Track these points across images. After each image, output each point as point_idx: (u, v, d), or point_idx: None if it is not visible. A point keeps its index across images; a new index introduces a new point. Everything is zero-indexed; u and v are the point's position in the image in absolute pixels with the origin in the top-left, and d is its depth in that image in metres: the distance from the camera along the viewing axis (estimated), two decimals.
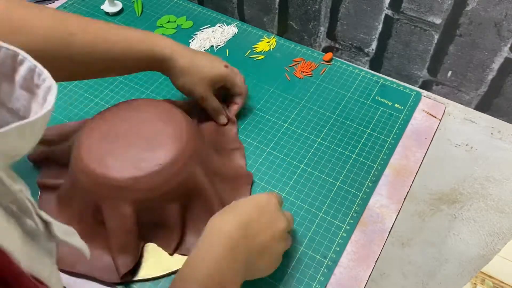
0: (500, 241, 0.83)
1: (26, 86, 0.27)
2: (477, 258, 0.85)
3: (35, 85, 0.27)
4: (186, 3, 0.93)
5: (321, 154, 0.68)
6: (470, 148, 0.80)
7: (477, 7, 0.66)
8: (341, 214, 0.62)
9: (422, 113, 0.74)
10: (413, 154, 0.69)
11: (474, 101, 0.77)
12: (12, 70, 0.27)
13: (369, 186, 0.65)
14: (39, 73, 0.27)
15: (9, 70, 0.27)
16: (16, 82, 0.27)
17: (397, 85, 0.78)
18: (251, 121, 0.72)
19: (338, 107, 0.75)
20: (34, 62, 0.27)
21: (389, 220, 0.62)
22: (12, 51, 0.27)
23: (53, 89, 0.26)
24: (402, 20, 0.74)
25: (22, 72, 0.27)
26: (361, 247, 0.59)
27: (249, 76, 0.79)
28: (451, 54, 0.73)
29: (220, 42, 0.85)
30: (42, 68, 0.26)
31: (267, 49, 0.84)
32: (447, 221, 0.86)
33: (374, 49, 0.81)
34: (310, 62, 0.81)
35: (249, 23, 0.91)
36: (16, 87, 0.27)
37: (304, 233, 0.60)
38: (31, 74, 0.27)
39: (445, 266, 0.94)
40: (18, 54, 0.27)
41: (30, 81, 0.27)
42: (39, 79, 0.27)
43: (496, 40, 0.68)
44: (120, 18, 0.90)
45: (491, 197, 0.81)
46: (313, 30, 0.86)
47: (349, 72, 0.80)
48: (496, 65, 0.71)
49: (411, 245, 0.89)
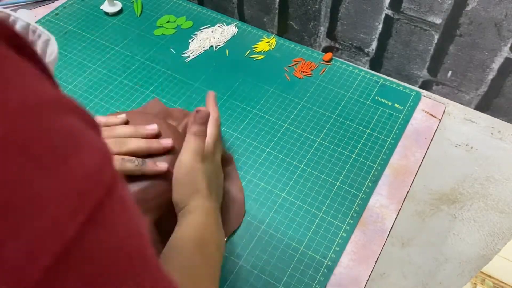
0: (500, 241, 0.83)
1: None
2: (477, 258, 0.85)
3: (31, 42, 0.27)
4: (186, 3, 0.93)
5: (321, 154, 0.68)
6: (470, 148, 0.80)
7: (477, 7, 0.66)
8: (341, 214, 0.62)
9: (422, 113, 0.74)
10: (413, 154, 0.69)
11: (474, 101, 0.77)
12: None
13: (369, 186, 0.65)
14: (33, 30, 0.27)
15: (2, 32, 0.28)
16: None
17: (397, 85, 0.78)
18: (251, 121, 0.72)
19: (338, 107, 0.75)
20: (26, 20, 0.27)
21: (389, 220, 0.62)
22: (3, 14, 0.27)
23: (52, 40, 0.26)
24: (402, 20, 0.74)
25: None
26: (361, 247, 0.59)
27: (249, 76, 0.79)
28: (451, 54, 0.73)
29: (219, 42, 0.85)
30: (35, 24, 0.27)
31: (267, 49, 0.84)
32: (447, 221, 0.85)
33: (374, 49, 0.81)
34: (310, 62, 0.81)
35: (249, 23, 0.91)
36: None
37: (304, 233, 0.60)
38: (26, 32, 0.27)
39: (445, 266, 0.94)
40: (9, 15, 0.27)
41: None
42: (33, 35, 0.27)
43: (496, 40, 0.68)
44: (119, 18, 0.90)
45: (491, 197, 0.81)
46: (313, 30, 0.86)
47: (349, 72, 0.80)
48: (496, 65, 0.70)
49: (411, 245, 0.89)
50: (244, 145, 0.69)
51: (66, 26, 0.88)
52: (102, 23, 0.89)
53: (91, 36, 0.86)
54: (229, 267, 0.57)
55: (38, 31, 0.27)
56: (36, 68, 0.20)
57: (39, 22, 0.88)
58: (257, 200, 0.63)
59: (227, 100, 0.75)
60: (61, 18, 0.90)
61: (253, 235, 0.60)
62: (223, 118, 0.73)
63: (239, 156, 0.68)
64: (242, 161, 0.67)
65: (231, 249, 0.59)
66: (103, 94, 0.76)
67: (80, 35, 0.86)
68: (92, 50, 0.83)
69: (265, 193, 0.64)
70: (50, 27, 0.87)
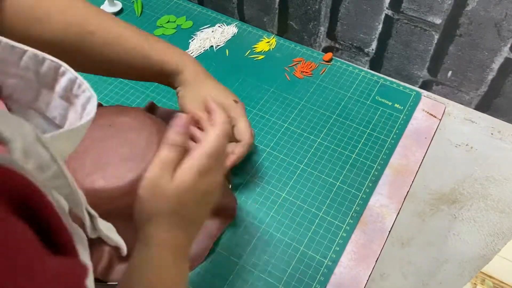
0: (500, 241, 0.83)
1: (65, 96, 0.29)
2: (477, 258, 0.85)
3: (74, 95, 0.28)
4: (186, 3, 0.93)
5: (321, 154, 0.68)
6: (470, 148, 0.80)
7: (477, 7, 0.66)
8: (341, 214, 0.62)
9: (422, 113, 0.74)
10: (413, 154, 0.69)
11: (474, 101, 0.77)
12: (53, 81, 0.29)
13: (369, 186, 0.65)
14: (80, 84, 0.28)
15: (50, 81, 0.29)
16: (56, 92, 0.29)
17: (397, 85, 0.78)
18: (251, 121, 0.72)
19: (338, 107, 0.75)
20: (75, 74, 0.28)
21: (389, 220, 0.62)
22: (55, 63, 0.28)
23: (93, 99, 0.28)
24: (402, 20, 0.74)
25: (63, 83, 0.28)
26: (361, 247, 0.59)
27: (249, 76, 0.79)
28: (451, 54, 0.73)
29: (220, 42, 0.85)
30: (82, 79, 0.28)
31: (267, 49, 0.84)
32: (447, 221, 0.85)
33: (374, 49, 0.81)
34: (310, 62, 0.81)
35: (249, 23, 0.91)
36: (55, 96, 0.29)
37: (304, 233, 0.60)
38: (71, 85, 0.28)
39: (445, 266, 0.94)
40: (60, 66, 0.28)
41: (70, 92, 0.29)
42: (78, 89, 0.28)
43: (496, 40, 0.68)
44: (120, 18, 0.89)
45: (491, 197, 0.81)
46: (313, 30, 0.86)
47: (349, 72, 0.80)
48: (496, 65, 0.71)
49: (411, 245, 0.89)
50: None
51: None
52: None
53: None
54: (229, 267, 0.57)
55: (83, 86, 0.28)
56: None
57: None
58: (257, 200, 0.63)
59: None
60: None
61: (253, 235, 0.60)
62: None
63: None
64: (242, 161, 0.67)
65: (231, 249, 0.59)
66: (102, 95, 0.76)
67: None
68: None
69: (265, 193, 0.64)
70: None
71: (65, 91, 0.29)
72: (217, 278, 0.56)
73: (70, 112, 0.29)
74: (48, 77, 0.28)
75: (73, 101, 0.29)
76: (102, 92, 0.76)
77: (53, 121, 0.29)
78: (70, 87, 0.28)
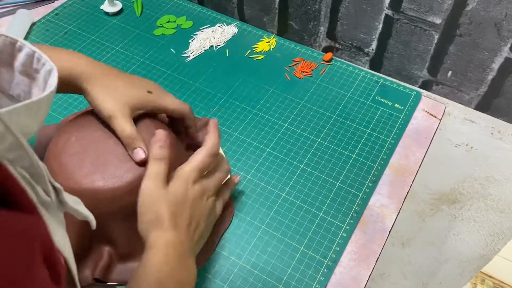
0: (500, 241, 0.83)
1: (26, 71, 0.28)
2: (477, 258, 0.85)
3: (34, 70, 0.27)
4: (186, 3, 0.93)
5: (321, 154, 0.68)
6: (470, 148, 0.80)
7: (477, 7, 0.66)
8: (341, 214, 0.62)
9: (422, 113, 0.74)
10: (413, 154, 0.69)
11: (474, 101, 0.77)
12: (11, 57, 0.28)
13: (369, 186, 0.65)
14: (38, 58, 0.27)
15: (8, 57, 0.28)
16: (15, 68, 0.28)
17: (397, 85, 0.78)
18: (251, 121, 0.72)
19: (338, 107, 0.75)
20: (32, 48, 0.27)
21: (389, 220, 0.62)
22: (10, 38, 0.27)
23: (54, 71, 0.26)
24: (402, 20, 0.74)
25: (21, 58, 0.28)
26: (361, 247, 0.59)
27: (249, 76, 0.79)
28: (451, 54, 0.73)
29: (220, 42, 0.85)
30: (41, 52, 0.27)
31: (267, 49, 0.84)
32: (447, 221, 0.85)
33: (374, 49, 0.81)
34: (310, 62, 0.81)
35: (249, 23, 0.91)
36: (15, 73, 0.28)
37: (304, 233, 0.60)
38: (30, 60, 0.27)
39: (445, 266, 0.94)
40: (16, 41, 0.27)
41: (29, 67, 0.28)
42: (38, 63, 0.27)
43: (496, 40, 0.68)
44: (119, 18, 0.90)
45: (491, 197, 0.81)
46: (313, 30, 0.86)
47: (349, 72, 0.80)
48: (496, 65, 0.71)
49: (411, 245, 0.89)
50: (244, 145, 0.69)
51: (66, 26, 0.88)
52: (102, 23, 0.89)
53: (91, 36, 0.86)
54: (229, 267, 0.57)
55: (42, 59, 0.27)
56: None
57: (39, 22, 0.88)
58: (257, 200, 0.63)
59: (227, 100, 0.75)
60: (61, 18, 0.90)
61: (253, 235, 0.60)
62: (223, 118, 0.73)
63: (239, 156, 0.68)
64: (242, 161, 0.67)
65: (231, 249, 0.59)
66: None
67: (80, 35, 0.86)
68: (92, 50, 0.83)
69: (265, 193, 0.64)
70: (50, 27, 0.87)
71: (24, 66, 0.28)
72: (217, 278, 0.56)
73: (33, 88, 0.28)
74: (5, 53, 0.28)
75: (35, 76, 0.28)
76: None
77: (18, 99, 0.29)
78: (29, 61, 0.28)
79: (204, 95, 0.76)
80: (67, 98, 0.75)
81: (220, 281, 0.56)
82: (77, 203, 0.30)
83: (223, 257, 0.58)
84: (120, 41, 0.85)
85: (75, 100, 0.75)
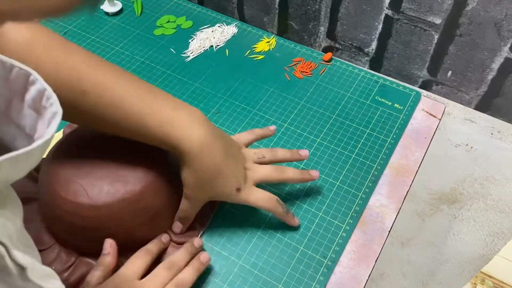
0: (500, 241, 0.82)
1: (34, 106, 0.28)
2: (477, 258, 0.85)
3: (42, 107, 0.28)
4: (186, 3, 0.93)
5: (321, 154, 0.68)
6: (470, 148, 0.80)
7: (477, 7, 0.66)
8: (341, 214, 0.62)
9: (422, 113, 0.74)
10: (412, 153, 0.69)
11: (474, 101, 0.77)
12: (23, 89, 0.28)
13: (369, 185, 0.65)
14: (48, 97, 0.27)
15: (20, 88, 0.28)
16: (26, 101, 0.28)
17: (397, 85, 0.78)
18: (251, 121, 0.72)
19: (338, 107, 0.75)
20: (44, 85, 0.27)
21: (389, 220, 0.62)
22: (24, 71, 0.27)
23: (58, 116, 0.26)
24: (402, 20, 0.74)
25: (32, 92, 0.28)
26: (361, 246, 0.59)
27: (249, 76, 0.79)
28: (451, 54, 0.73)
29: (220, 42, 0.85)
30: (51, 91, 0.27)
31: (267, 49, 0.84)
32: (447, 221, 0.85)
33: (374, 49, 0.81)
34: (310, 62, 0.81)
35: (249, 23, 0.91)
36: (25, 105, 0.28)
37: (304, 233, 0.60)
38: (40, 96, 0.27)
39: (445, 266, 0.93)
40: (30, 74, 0.27)
41: (39, 103, 0.28)
42: (47, 102, 0.27)
43: (496, 40, 0.68)
44: (119, 18, 0.90)
45: (491, 197, 0.81)
46: (313, 30, 0.86)
47: (349, 72, 0.80)
48: (496, 65, 0.71)
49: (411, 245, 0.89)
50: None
51: (66, 26, 0.88)
52: (102, 23, 0.89)
53: (91, 36, 0.86)
54: (229, 267, 0.57)
55: (51, 99, 0.27)
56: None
57: (39, 22, 0.88)
58: None
59: (227, 100, 0.75)
60: (61, 18, 0.90)
61: (253, 235, 0.60)
62: (223, 118, 0.73)
63: None
64: None
65: (230, 249, 0.59)
66: None
67: (80, 35, 0.86)
68: (92, 50, 0.83)
69: None
70: (50, 27, 0.87)
71: (34, 101, 0.28)
72: (217, 278, 0.56)
73: (39, 123, 0.28)
74: (18, 84, 0.28)
75: (42, 113, 0.28)
76: None
77: (24, 130, 0.29)
78: (39, 98, 0.28)
79: (204, 95, 0.76)
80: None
81: (219, 281, 0.56)
82: (45, 278, 0.27)
83: (222, 257, 0.58)
84: (120, 41, 0.85)
85: None
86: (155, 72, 0.80)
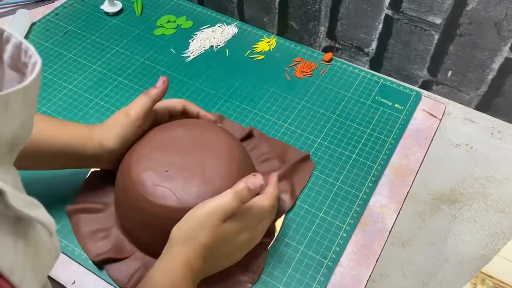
0: (500, 241, 0.83)
1: (15, 65, 0.26)
2: (477, 258, 0.85)
3: (23, 63, 0.26)
4: (186, 3, 0.93)
5: (321, 154, 0.68)
6: (470, 148, 0.80)
7: (477, 7, 0.66)
8: (341, 214, 0.62)
9: (422, 113, 0.74)
10: (413, 154, 0.69)
11: (474, 101, 0.77)
12: (0, 50, 0.26)
13: (369, 186, 0.65)
14: (25, 50, 0.26)
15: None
16: (5, 61, 0.26)
17: (397, 85, 0.78)
18: (251, 121, 0.72)
19: (338, 107, 0.75)
20: (19, 39, 0.26)
21: (389, 220, 0.62)
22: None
23: (38, 65, 0.25)
24: (402, 20, 0.74)
25: (10, 50, 0.26)
26: (362, 247, 0.59)
27: (249, 76, 0.79)
28: (451, 54, 0.73)
29: (220, 42, 0.85)
30: (27, 44, 0.25)
31: (267, 49, 0.84)
32: (447, 221, 0.85)
33: (374, 49, 0.81)
34: (310, 62, 0.81)
35: (249, 23, 0.91)
36: (5, 68, 0.27)
37: (304, 233, 0.60)
38: (18, 51, 0.26)
39: (445, 266, 0.94)
40: (3, 31, 0.26)
41: (18, 60, 0.26)
42: (25, 56, 0.26)
43: (496, 40, 0.68)
44: (119, 18, 0.90)
45: (491, 197, 0.81)
46: (313, 30, 0.86)
47: (349, 72, 0.80)
48: (496, 65, 0.71)
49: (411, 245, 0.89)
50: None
51: (66, 26, 0.88)
52: (102, 23, 0.89)
53: (91, 36, 0.86)
54: None
55: (29, 51, 0.25)
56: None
57: (39, 22, 0.88)
58: None
59: (227, 100, 0.75)
60: (61, 18, 0.89)
61: None
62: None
63: None
64: None
65: None
66: (103, 94, 0.76)
67: (80, 35, 0.86)
68: (92, 50, 0.83)
69: None
70: (50, 27, 0.87)
71: (13, 59, 0.26)
72: None
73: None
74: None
75: (24, 71, 0.26)
76: (102, 93, 0.76)
77: None
78: (17, 54, 0.26)
79: (204, 95, 0.76)
80: (67, 98, 0.75)
81: None
82: (31, 206, 0.25)
83: None
84: (120, 41, 0.85)
85: (77, 104, 0.75)
86: (155, 72, 0.79)
